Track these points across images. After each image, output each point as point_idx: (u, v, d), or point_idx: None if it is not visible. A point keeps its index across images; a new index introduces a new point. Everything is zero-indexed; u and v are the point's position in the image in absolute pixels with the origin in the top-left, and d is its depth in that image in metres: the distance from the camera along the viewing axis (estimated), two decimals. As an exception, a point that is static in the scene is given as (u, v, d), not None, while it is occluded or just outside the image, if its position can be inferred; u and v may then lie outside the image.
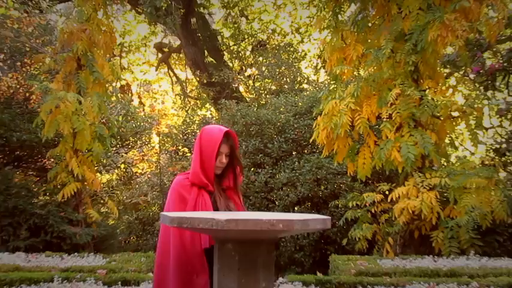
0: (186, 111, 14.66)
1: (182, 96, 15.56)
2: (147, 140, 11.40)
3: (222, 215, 2.26)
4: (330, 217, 2.39)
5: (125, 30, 15.81)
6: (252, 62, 14.62)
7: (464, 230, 5.77)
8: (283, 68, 12.78)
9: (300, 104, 9.45)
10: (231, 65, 15.05)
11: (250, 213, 2.76)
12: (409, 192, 5.95)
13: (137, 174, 11.59)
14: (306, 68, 15.11)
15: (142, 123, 10.92)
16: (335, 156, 6.63)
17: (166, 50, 16.22)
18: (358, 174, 6.41)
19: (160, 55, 16.41)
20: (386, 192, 6.60)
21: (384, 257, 6.00)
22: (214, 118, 10.46)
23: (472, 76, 8.46)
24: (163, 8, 10.44)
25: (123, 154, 11.06)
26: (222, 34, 15.27)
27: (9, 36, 8.38)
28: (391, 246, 6.09)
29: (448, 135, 6.42)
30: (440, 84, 6.31)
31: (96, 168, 8.72)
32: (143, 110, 13.42)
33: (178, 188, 2.94)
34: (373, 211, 6.52)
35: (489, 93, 8.50)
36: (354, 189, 7.90)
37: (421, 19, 6.07)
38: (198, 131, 9.83)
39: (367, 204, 6.47)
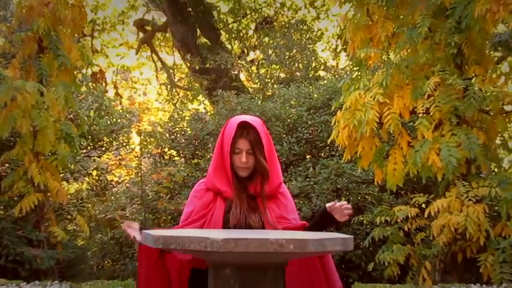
0: (174, 104, 14.70)
1: (169, 86, 15.66)
2: (125, 141, 11.43)
3: (219, 233, 2.26)
4: (352, 236, 2.42)
5: (97, 3, 15.82)
6: (256, 43, 14.72)
7: (519, 253, 5.77)
8: (295, 51, 12.86)
9: (316, 95, 9.51)
10: (229, 47, 15.13)
11: (252, 231, 2.77)
12: (451, 205, 5.95)
13: (113, 183, 11.61)
14: (322, 51, 15.26)
15: (119, 120, 10.96)
16: (359, 161, 6.64)
17: (149, 28, 16.24)
18: (387, 183, 6.41)
19: (141, 35, 16.45)
20: (423, 206, 6.61)
21: (420, 285, 6.02)
22: (209, 113, 10.48)
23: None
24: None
25: (95, 158, 11.06)
26: (218, 9, 15.33)
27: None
28: (428, 272, 6.11)
29: (499, 135, 6.42)
30: (489, 72, 6.31)
31: (61, 175, 8.73)
32: (120, 103, 13.45)
33: (192, 193, 3.21)
34: (406, 229, 6.54)
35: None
36: (382, 202, 7.94)
37: (465, -10, 6.07)
38: (188, 129, 9.94)
39: (399, 221, 6.49)
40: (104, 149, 11.11)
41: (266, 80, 12.76)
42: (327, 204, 3.12)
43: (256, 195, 3.13)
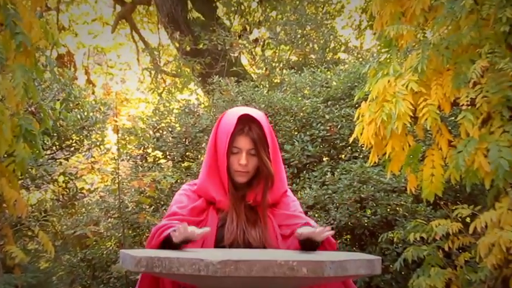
0: (159, 94, 14.73)
1: (153, 72, 15.65)
2: (99, 140, 11.46)
3: (215, 254, 2.27)
4: (379, 258, 2.44)
5: (64, -31, 15.84)
6: (261, 19, 14.68)
7: None
8: (309, 28, 12.86)
9: (335, 83, 9.50)
10: (227, 23, 15.09)
11: (254, 251, 2.77)
12: (501, 219, 5.91)
13: (84, 191, 11.60)
14: (343, 28, 15.24)
15: (91, 114, 10.97)
16: (388, 164, 6.62)
17: (128, 0, 16.17)
18: (423, 192, 6.36)
19: (119, 8, 16.35)
20: (467, 220, 6.63)
21: (464, 318, 6.06)
22: (203, 106, 10.51)
23: None
24: None
25: (62, 161, 11.09)
26: (214, -24, 15.32)
27: None
28: (474, 302, 6.12)
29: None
30: (550, 53, 6.28)
31: (20, 182, 8.79)
32: (93, 93, 13.58)
33: (181, 192, 3.30)
34: (446, 248, 6.53)
35: None
36: (416, 215, 7.91)
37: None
38: (177, 124, 9.95)
39: (438, 238, 6.48)
40: (72, 149, 11.09)
41: (273, 64, 12.76)
42: (297, 232, 3.07)
43: (256, 205, 3.23)
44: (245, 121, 3.15)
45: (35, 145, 7.46)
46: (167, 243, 2.92)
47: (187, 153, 9.81)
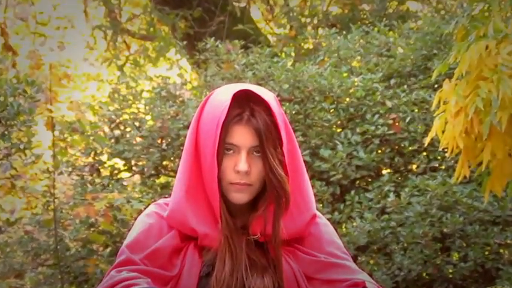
0: (120, 68, 14.76)
1: (109, 33, 15.74)
2: (23, 141, 11.20)
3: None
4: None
5: None
6: None
7: None
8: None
9: (401, 51, 9.63)
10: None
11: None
12: None
13: (-1, 223, 11.69)
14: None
15: (10, 99, 10.92)
16: (486, 181, 6.70)
17: None
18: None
19: None
20: None
21: None
22: (189, 85, 10.64)
23: None
24: None
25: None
26: None
27: None
28: None
29: None
30: None
31: None
32: (13, 65, 13.72)
33: (144, 219, 3.09)
34: None
35: None
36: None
37: None
38: (148, 116, 10.06)
39: None
40: (-19, 156, 11.28)
41: (303, 20, 12.87)
42: None
43: (265, 241, 3.06)
44: (244, 102, 2.97)
45: None
46: None
47: (164, 163, 9.84)
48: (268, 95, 3.00)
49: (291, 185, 2.98)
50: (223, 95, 2.96)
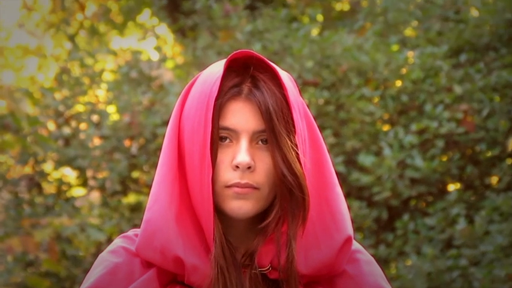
0: (71, 38, 14.22)
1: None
2: None
3: None
4: None
5: None
6: None
7: None
8: None
9: (475, 13, 8.72)
10: None
11: None
12: None
13: None
14: None
15: None
16: None
17: None
18: None
19: None
20: None
21: None
22: (170, 63, 9.87)
23: None
24: None
25: None
26: None
27: None
28: None
29: None
30: None
31: None
32: None
33: (107, 258, 2.68)
34: None
35: None
36: None
37: None
38: (111, 108, 9.48)
39: None
40: None
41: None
42: None
43: (279, 278, 2.62)
44: (243, 69, 2.51)
45: None
46: None
47: (134, 175, 9.17)
48: (279, 70, 2.61)
49: (314, 194, 2.62)
50: (215, 66, 2.64)
